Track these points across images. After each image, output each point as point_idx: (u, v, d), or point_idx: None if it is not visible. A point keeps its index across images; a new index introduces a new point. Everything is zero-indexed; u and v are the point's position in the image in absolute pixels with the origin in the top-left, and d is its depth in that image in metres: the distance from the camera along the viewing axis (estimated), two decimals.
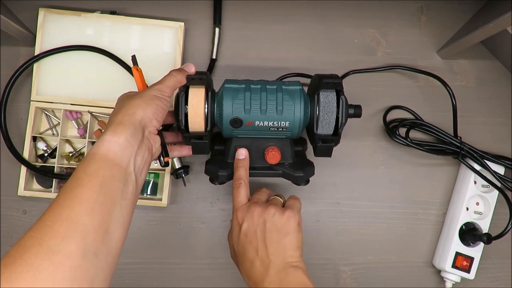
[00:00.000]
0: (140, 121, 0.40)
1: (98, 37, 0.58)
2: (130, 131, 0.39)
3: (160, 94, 0.43)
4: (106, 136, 0.38)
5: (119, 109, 0.41)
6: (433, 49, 0.64)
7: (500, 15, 0.50)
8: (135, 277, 0.58)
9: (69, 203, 0.33)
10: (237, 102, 0.46)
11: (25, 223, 0.58)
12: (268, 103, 0.46)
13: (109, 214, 0.35)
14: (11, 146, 0.55)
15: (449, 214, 0.60)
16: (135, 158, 0.39)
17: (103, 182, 0.35)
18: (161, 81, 0.44)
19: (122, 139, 0.38)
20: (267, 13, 0.62)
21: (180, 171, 0.56)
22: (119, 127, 0.38)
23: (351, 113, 0.48)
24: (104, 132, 0.39)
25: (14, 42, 0.58)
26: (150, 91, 0.43)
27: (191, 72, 0.46)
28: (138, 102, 0.41)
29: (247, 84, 0.47)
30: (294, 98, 0.46)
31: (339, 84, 0.46)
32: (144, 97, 0.42)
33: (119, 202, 0.36)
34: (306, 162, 0.52)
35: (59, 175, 0.56)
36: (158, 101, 0.42)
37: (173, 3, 0.61)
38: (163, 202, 0.57)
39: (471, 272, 0.58)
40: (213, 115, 0.47)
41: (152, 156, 0.43)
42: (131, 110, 0.40)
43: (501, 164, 0.59)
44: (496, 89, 0.63)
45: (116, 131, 0.38)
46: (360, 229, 0.61)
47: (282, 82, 0.49)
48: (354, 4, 0.63)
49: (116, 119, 0.39)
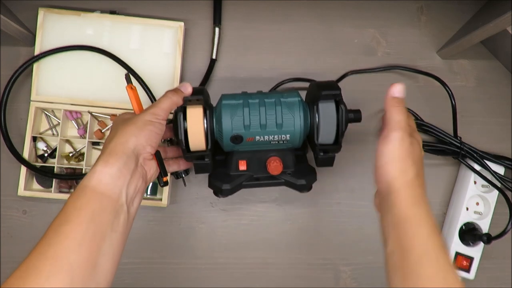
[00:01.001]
0: (133, 150, 0.39)
1: (98, 37, 0.58)
2: (122, 160, 0.38)
3: (155, 118, 0.41)
4: (98, 167, 0.37)
5: (112, 137, 0.40)
6: (433, 49, 0.64)
7: (500, 15, 0.50)
8: (135, 277, 0.58)
9: (56, 240, 0.33)
10: (236, 119, 0.45)
11: (25, 223, 0.58)
12: (268, 118, 0.46)
13: (98, 249, 0.34)
14: (11, 146, 0.55)
15: (449, 214, 0.61)
16: (128, 188, 0.38)
17: (92, 216, 0.35)
18: (156, 103, 0.43)
19: (114, 169, 0.37)
20: (267, 13, 0.62)
21: (180, 171, 0.56)
22: (111, 157, 0.38)
23: (351, 118, 0.48)
24: (96, 162, 0.38)
25: (14, 42, 0.58)
26: (144, 116, 0.41)
27: (187, 92, 0.45)
28: (131, 129, 0.40)
29: (244, 99, 0.47)
30: (293, 111, 0.46)
31: (338, 95, 0.45)
32: (137, 123, 0.40)
33: (109, 235, 0.35)
34: (308, 169, 0.52)
35: (59, 175, 0.56)
36: (151, 127, 0.41)
37: (173, 3, 0.61)
38: (163, 202, 0.57)
39: (471, 272, 0.58)
40: (213, 132, 0.47)
41: (146, 183, 0.42)
42: (123, 138, 0.39)
43: (501, 164, 0.59)
44: (496, 89, 0.63)
45: (108, 162, 0.37)
46: (360, 229, 0.61)
47: (280, 93, 0.48)
48: (354, 4, 0.63)
49: (108, 148, 0.39)
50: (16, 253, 0.58)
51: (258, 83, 0.60)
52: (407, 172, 0.38)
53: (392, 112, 0.40)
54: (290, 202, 0.60)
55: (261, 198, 0.60)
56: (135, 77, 0.56)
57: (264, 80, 0.59)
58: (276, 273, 0.60)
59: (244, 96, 0.47)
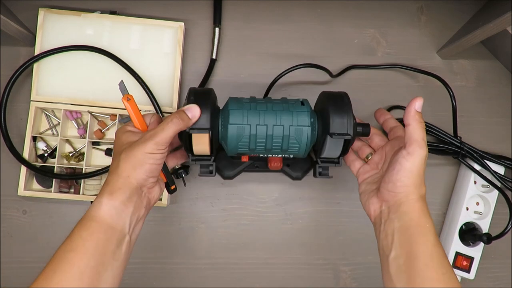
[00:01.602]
0: (136, 185, 0.40)
1: (98, 37, 0.58)
2: (125, 195, 0.39)
3: (156, 150, 0.40)
4: (103, 199, 0.39)
5: (115, 168, 0.40)
6: (433, 49, 0.64)
7: (500, 15, 0.50)
8: (135, 277, 0.58)
9: (60, 267, 0.35)
10: (242, 142, 0.45)
11: (25, 223, 0.58)
12: (274, 145, 0.45)
13: (99, 277, 0.36)
14: (11, 146, 0.55)
15: (449, 214, 0.60)
16: (131, 218, 0.40)
17: (96, 246, 0.37)
18: (159, 130, 0.40)
19: (117, 202, 0.39)
20: (267, 13, 0.62)
21: (180, 171, 0.56)
22: (116, 191, 0.39)
23: (359, 132, 0.47)
24: (101, 193, 0.39)
25: (14, 42, 0.58)
26: (145, 147, 0.40)
27: (195, 118, 0.43)
28: (133, 163, 0.40)
29: (252, 122, 0.44)
30: (300, 137, 0.45)
31: (347, 135, 0.44)
32: (137, 156, 0.39)
33: (110, 263, 0.37)
34: (304, 161, 0.54)
35: (59, 175, 0.56)
36: (153, 160, 0.40)
37: (173, 3, 0.61)
38: (163, 202, 0.57)
39: (471, 272, 0.58)
40: (218, 138, 0.47)
41: (149, 210, 0.44)
42: (125, 172, 0.40)
43: (501, 164, 0.59)
44: (496, 89, 0.63)
45: (112, 195, 0.39)
46: (360, 229, 0.61)
47: (291, 112, 0.45)
48: (354, 4, 0.63)
49: (112, 181, 0.40)
50: (16, 253, 0.58)
51: (258, 83, 0.60)
52: (422, 187, 0.41)
53: (417, 128, 0.40)
54: (290, 202, 0.60)
55: (261, 198, 0.60)
56: (135, 77, 0.56)
57: (264, 80, 0.59)
58: (276, 273, 0.60)
59: (251, 115, 0.45)
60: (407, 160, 0.40)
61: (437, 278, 0.37)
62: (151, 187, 0.42)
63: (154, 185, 0.43)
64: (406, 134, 0.40)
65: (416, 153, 0.39)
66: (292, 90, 0.62)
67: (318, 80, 0.62)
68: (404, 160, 0.40)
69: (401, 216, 0.40)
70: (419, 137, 0.40)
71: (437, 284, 0.37)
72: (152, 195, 0.43)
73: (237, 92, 0.61)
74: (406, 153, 0.40)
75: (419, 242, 0.39)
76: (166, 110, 0.57)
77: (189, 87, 0.46)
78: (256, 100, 0.47)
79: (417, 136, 0.40)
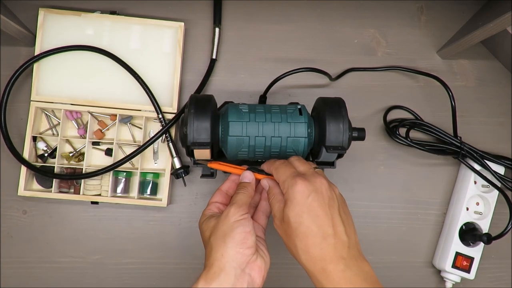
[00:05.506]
0: (231, 262, 0.38)
1: (98, 37, 0.58)
2: (220, 278, 0.37)
3: (239, 216, 0.40)
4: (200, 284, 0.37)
5: (208, 257, 0.39)
6: (433, 49, 0.64)
7: (500, 15, 0.50)
8: (135, 277, 0.58)
9: None
10: (241, 151, 0.47)
11: (25, 223, 0.58)
12: (272, 153, 0.47)
13: None
14: (11, 146, 0.55)
15: (449, 214, 0.61)
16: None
17: None
18: (233, 201, 0.42)
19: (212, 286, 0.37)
20: (267, 13, 0.62)
21: (180, 171, 0.56)
22: (213, 280, 0.37)
23: (354, 136, 0.49)
24: (196, 282, 0.38)
25: (14, 42, 0.58)
26: (229, 218, 0.40)
27: (252, 180, 0.45)
28: (223, 238, 0.39)
29: (251, 134, 0.46)
30: (297, 147, 0.47)
31: (343, 149, 0.46)
32: (225, 230, 0.39)
33: None
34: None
35: (59, 175, 0.56)
36: (241, 228, 0.39)
37: (173, 3, 0.61)
38: (163, 202, 0.57)
39: (471, 272, 0.58)
40: (218, 144, 0.48)
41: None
42: (219, 252, 0.38)
43: (501, 164, 0.59)
44: (496, 89, 0.63)
45: (207, 280, 0.37)
46: (360, 229, 0.60)
47: (289, 124, 0.47)
48: (354, 4, 0.63)
49: (207, 267, 0.38)
50: (16, 253, 0.58)
51: (258, 83, 0.60)
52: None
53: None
54: None
55: None
56: (135, 77, 0.56)
57: (264, 80, 0.59)
58: (276, 273, 0.60)
59: (250, 126, 0.46)
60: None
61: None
62: (252, 260, 0.39)
63: (256, 259, 0.40)
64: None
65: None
66: (292, 90, 0.62)
67: (317, 81, 0.62)
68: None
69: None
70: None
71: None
72: (255, 271, 0.39)
73: (237, 92, 0.61)
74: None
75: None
76: (166, 110, 0.57)
77: (189, 88, 0.46)
78: (255, 110, 0.48)
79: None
